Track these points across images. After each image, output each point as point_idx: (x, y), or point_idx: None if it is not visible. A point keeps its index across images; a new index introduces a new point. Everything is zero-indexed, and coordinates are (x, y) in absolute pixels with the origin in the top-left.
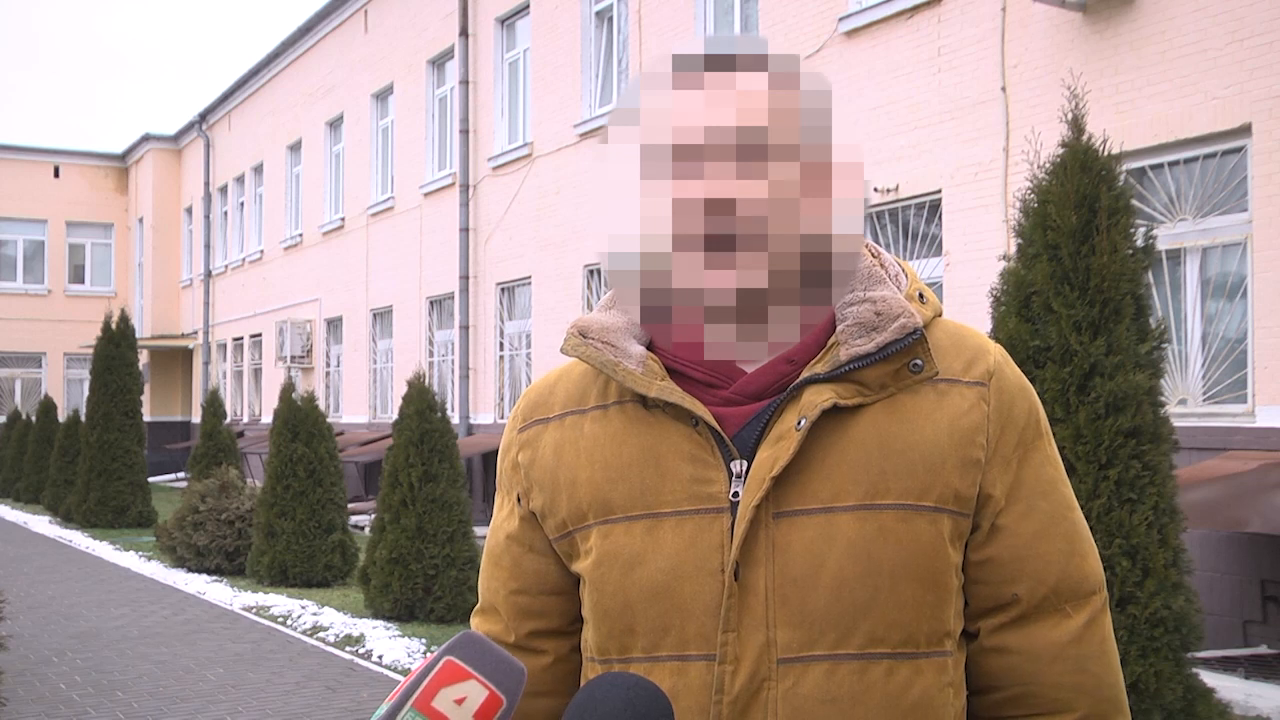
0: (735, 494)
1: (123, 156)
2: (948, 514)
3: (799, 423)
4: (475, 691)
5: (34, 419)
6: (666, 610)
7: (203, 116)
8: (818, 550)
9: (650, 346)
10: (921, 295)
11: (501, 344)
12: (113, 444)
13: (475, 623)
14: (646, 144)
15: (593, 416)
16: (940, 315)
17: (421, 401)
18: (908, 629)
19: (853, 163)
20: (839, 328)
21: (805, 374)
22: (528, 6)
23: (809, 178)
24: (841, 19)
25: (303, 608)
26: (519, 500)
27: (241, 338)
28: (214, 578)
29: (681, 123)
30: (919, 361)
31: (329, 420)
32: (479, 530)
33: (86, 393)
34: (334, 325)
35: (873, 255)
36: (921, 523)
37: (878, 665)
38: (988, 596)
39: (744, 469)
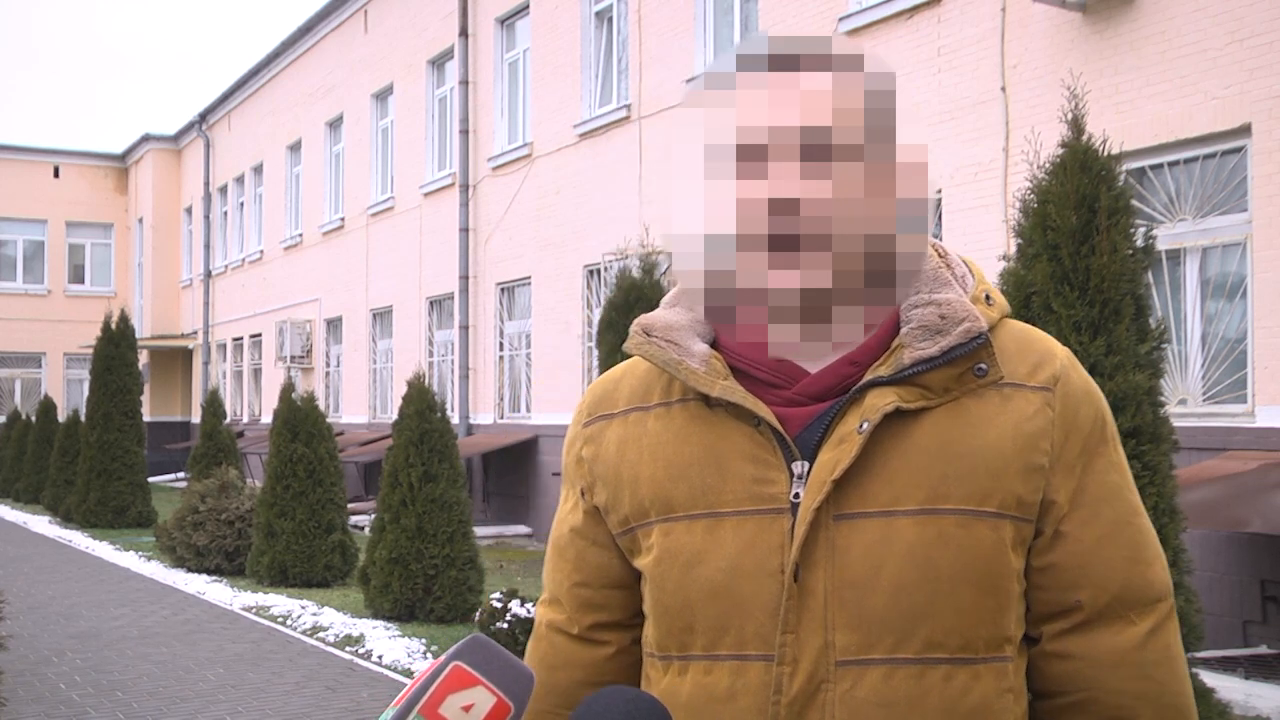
0: (796, 495)
1: (123, 156)
2: (1010, 520)
3: (861, 426)
4: (483, 698)
5: (34, 419)
6: (726, 610)
7: (203, 116)
8: (877, 554)
9: (714, 344)
10: (988, 297)
11: (501, 344)
12: (113, 444)
13: (541, 612)
14: (710, 144)
15: (656, 414)
16: (1007, 316)
17: (421, 401)
18: (966, 634)
19: (917, 162)
20: (903, 330)
21: (868, 376)
22: (528, 6)
23: (873, 177)
24: (841, 19)
25: (302, 608)
26: (583, 494)
27: (241, 338)
28: (214, 578)
29: (746, 122)
30: (983, 365)
31: (329, 420)
32: (479, 530)
33: (86, 393)
34: (334, 325)
35: (939, 256)
36: (983, 529)
37: (935, 670)
38: (1050, 602)
39: (805, 470)
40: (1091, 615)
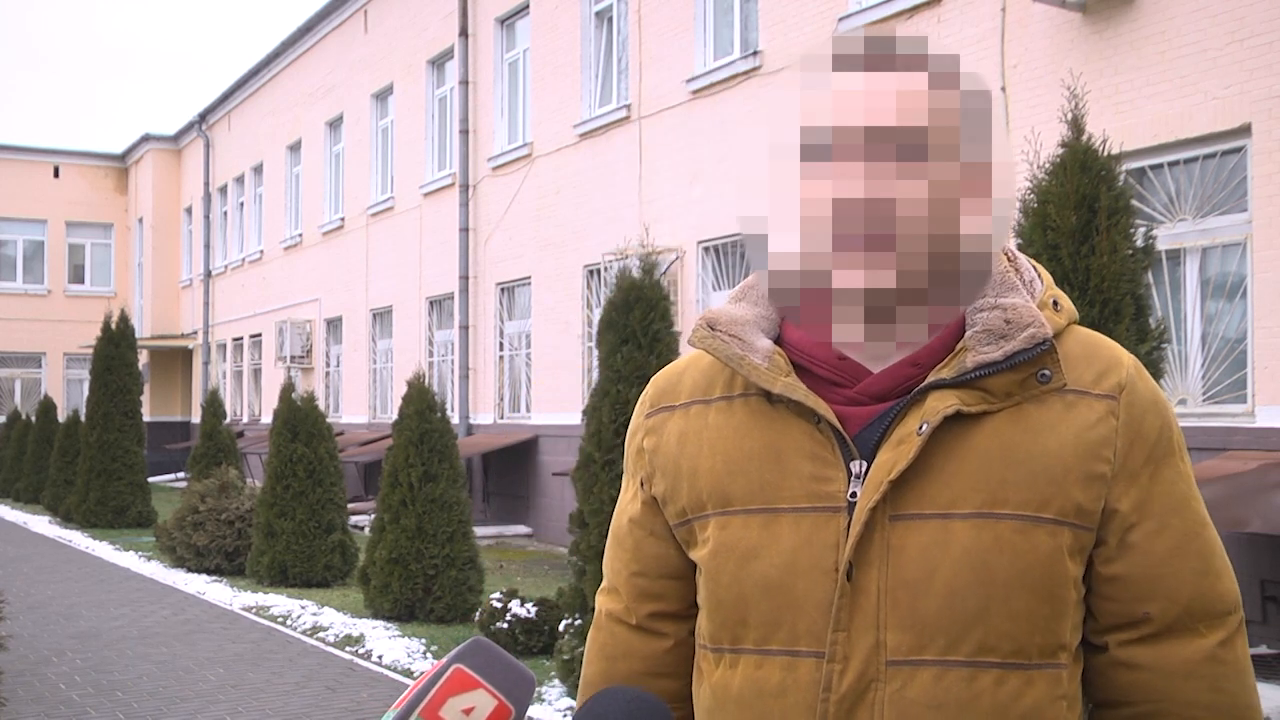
0: (853, 494)
1: (122, 156)
2: (1069, 527)
3: (921, 427)
4: (484, 701)
5: (34, 419)
6: (779, 605)
7: (203, 116)
8: (932, 556)
9: (778, 340)
10: (1056, 303)
11: (501, 344)
12: (112, 444)
13: (601, 601)
14: (806, 144)
15: (717, 407)
16: (1075, 322)
17: (421, 401)
18: (1019, 640)
19: (1006, 163)
20: (968, 334)
21: (930, 378)
22: (527, 6)
23: (968, 179)
24: (841, 19)
25: (302, 608)
26: (642, 485)
27: (241, 338)
28: (214, 578)
29: (842, 122)
30: (1047, 372)
31: (329, 420)
32: (479, 530)
33: (86, 393)
34: (334, 325)
35: (1009, 260)
36: (1040, 535)
37: (987, 674)
38: (1117, 613)
39: (863, 470)
40: (1161, 627)
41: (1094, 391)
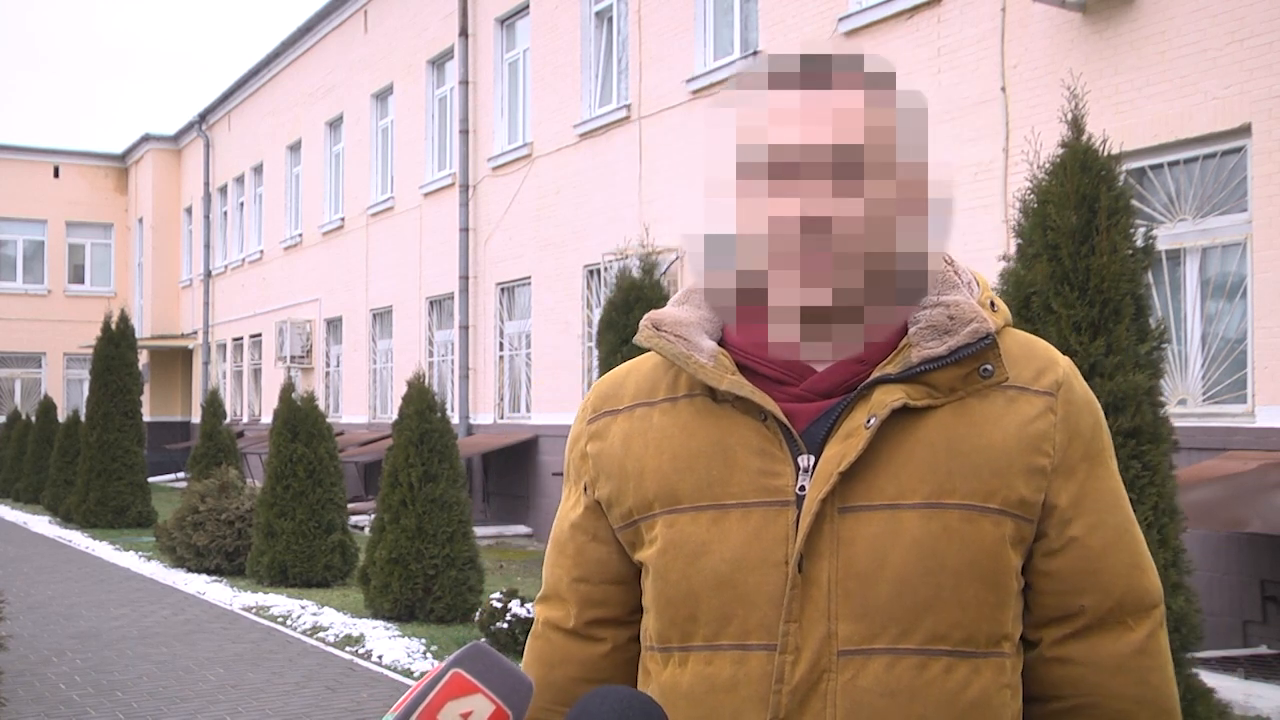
0: (802, 487)
1: (122, 156)
2: (1011, 518)
3: (869, 420)
4: (482, 706)
5: (34, 419)
6: (730, 600)
7: (203, 116)
8: (882, 546)
9: (721, 342)
10: (993, 304)
11: (501, 344)
12: (112, 444)
13: (539, 610)
14: (743, 161)
15: (661, 409)
16: (1010, 324)
17: (421, 401)
18: (969, 628)
19: (945, 180)
20: (912, 330)
21: (876, 374)
22: (527, 6)
23: (904, 193)
24: (841, 19)
25: (302, 608)
26: (585, 489)
27: (241, 338)
28: (214, 578)
29: (778, 140)
30: (989, 366)
31: (329, 420)
32: (478, 530)
33: (86, 393)
34: (334, 325)
35: (947, 262)
36: (985, 524)
37: (937, 662)
38: (1053, 606)
39: (811, 464)
40: (1094, 620)
41: (1033, 388)
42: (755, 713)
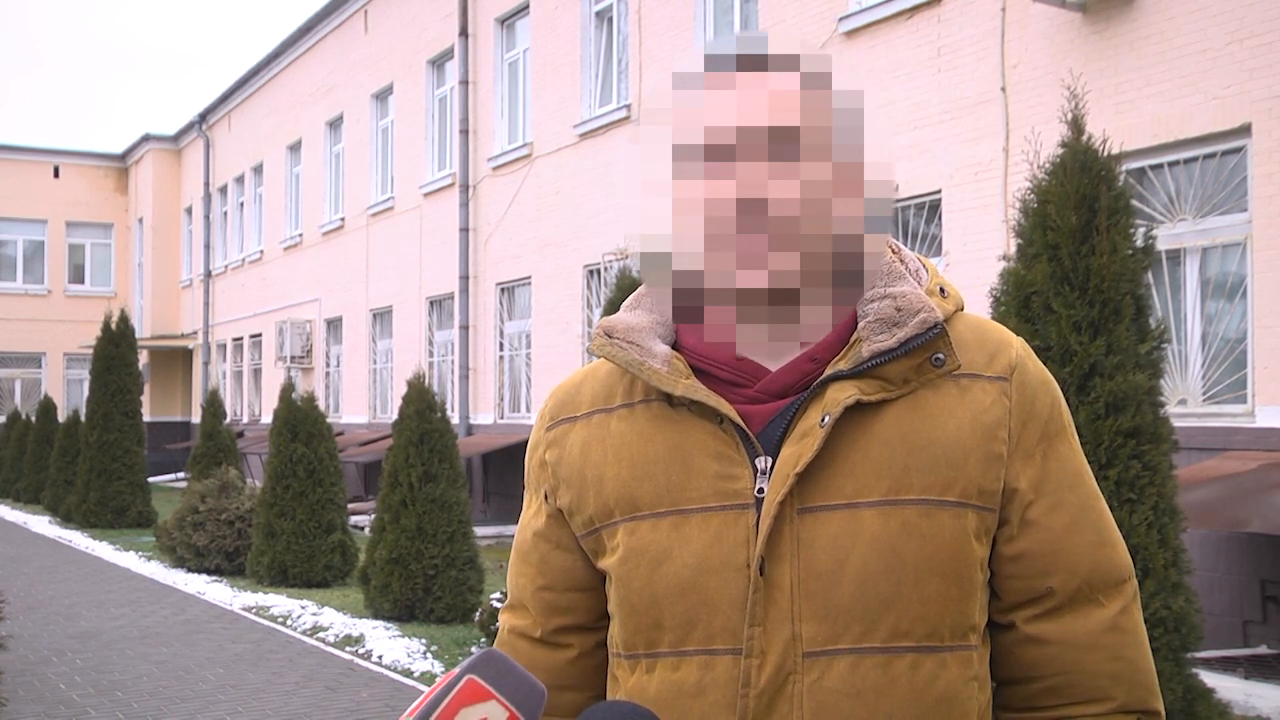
0: (760, 490)
1: (122, 156)
2: (972, 509)
3: (823, 419)
4: (496, 712)
5: (34, 419)
6: (693, 605)
7: (203, 116)
8: (842, 545)
9: (675, 346)
10: (943, 290)
11: (501, 344)
12: (113, 444)
13: (504, 618)
14: (678, 144)
15: (619, 415)
16: (962, 309)
17: (421, 401)
18: (932, 623)
19: (883, 162)
20: (860, 324)
21: (828, 371)
22: (527, 6)
23: (840, 177)
24: (841, 19)
25: (302, 608)
26: (546, 498)
27: (241, 338)
28: (214, 578)
29: (714, 122)
30: (941, 356)
31: (329, 420)
32: (478, 530)
33: (86, 393)
34: (334, 325)
35: (893, 252)
36: (945, 517)
37: (902, 659)
38: (1021, 590)
39: (769, 466)
40: (1063, 600)
41: (986, 374)
42: (723, 717)
